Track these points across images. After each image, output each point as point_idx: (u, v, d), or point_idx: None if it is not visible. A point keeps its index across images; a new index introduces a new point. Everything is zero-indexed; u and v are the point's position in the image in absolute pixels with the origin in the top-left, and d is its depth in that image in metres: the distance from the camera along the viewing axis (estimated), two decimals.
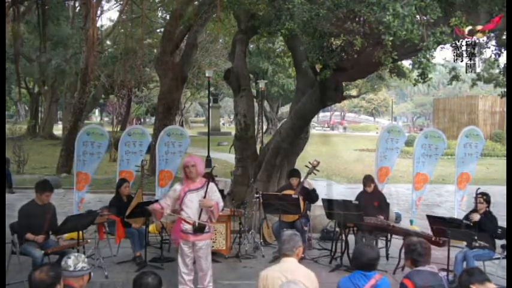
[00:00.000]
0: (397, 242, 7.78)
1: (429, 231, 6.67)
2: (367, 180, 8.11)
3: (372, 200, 7.91)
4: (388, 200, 8.32)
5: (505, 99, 9.44)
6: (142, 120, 52.25)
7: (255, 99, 17.97)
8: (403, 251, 4.92)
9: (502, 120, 32.59)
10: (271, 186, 9.80)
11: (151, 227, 8.39)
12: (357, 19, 6.85)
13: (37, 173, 17.30)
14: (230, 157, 15.45)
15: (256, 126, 13.58)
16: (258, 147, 11.54)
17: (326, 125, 64.66)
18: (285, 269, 3.80)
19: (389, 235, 7.75)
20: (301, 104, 9.50)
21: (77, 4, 23.09)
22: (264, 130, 31.58)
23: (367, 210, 7.49)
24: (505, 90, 9.08)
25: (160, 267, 7.03)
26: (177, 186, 5.92)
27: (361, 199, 7.74)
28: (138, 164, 8.91)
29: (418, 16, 6.01)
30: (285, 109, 40.94)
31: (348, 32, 7.06)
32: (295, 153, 10.21)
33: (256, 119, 15.13)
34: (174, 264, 6.55)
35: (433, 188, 14.54)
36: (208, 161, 17.92)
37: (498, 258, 6.70)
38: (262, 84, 24.82)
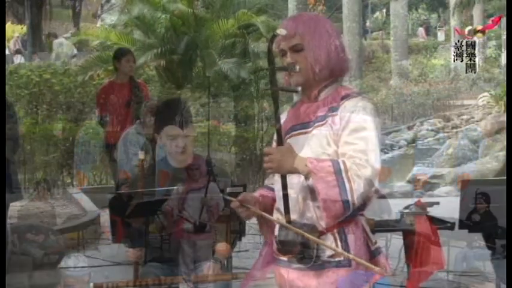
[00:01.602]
0: (397, 242, 7.76)
1: (429, 231, 6.65)
2: None
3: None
4: (388, 201, 8.29)
5: (505, 99, 9.45)
6: (142, 120, 52.21)
7: (255, 99, 17.93)
8: (403, 251, 4.92)
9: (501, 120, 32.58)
10: None
11: (151, 227, 8.38)
12: (356, 19, 6.86)
13: (37, 173, 17.25)
14: (230, 157, 15.42)
15: (256, 126, 13.56)
16: (257, 147, 11.54)
17: None
18: None
19: (389, 235, 7.73)
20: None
21: (76, 4, 23.11)
22: (264, 130, 31.52)
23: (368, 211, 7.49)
24: (505, 90, 9.09)
25: (160, 267, 7.01)
26: (179, 187, 5.98)
27: None
28: (137, 164, 8.91)
29: (417, 15, 6.02)
30: (285, 109, 40.86)
31: (347, 31, 7.08)
32: None
33: (256, 119, 15.11)
34: (174, 264, 6.54)
35: (432, 188, 14.54)
36: (208, 161, 17.89)
37: (498, 258, 6.68)
38: (262, 84, 24.76)
